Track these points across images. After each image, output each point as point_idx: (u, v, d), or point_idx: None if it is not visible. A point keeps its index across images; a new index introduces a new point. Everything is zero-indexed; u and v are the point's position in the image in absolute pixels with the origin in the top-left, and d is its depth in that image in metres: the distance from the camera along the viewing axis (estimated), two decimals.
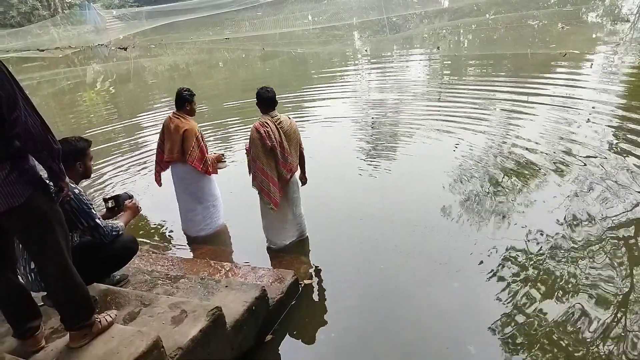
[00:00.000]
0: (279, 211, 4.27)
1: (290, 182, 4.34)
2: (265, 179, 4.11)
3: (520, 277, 3.74)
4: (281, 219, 4.41)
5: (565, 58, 11.37)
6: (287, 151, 4.13)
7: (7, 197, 2.09)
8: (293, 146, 4.22)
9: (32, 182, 2.17)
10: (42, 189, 2.23)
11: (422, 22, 25.56)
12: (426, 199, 5.25)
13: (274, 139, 4.01)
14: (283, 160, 4.12)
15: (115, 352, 2.38)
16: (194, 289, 3.40)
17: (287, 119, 4.20)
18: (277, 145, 4.05)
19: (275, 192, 4.13)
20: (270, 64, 17.63)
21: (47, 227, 2.26)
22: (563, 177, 5.31)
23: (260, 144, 4.01)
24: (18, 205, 2.12)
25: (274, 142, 4.01)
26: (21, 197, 2.12)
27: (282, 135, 4.08)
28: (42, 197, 2.23)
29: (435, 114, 8.48)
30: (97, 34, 33.97)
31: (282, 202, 4.29)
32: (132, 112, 11.85)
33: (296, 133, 4.26)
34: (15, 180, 2.10)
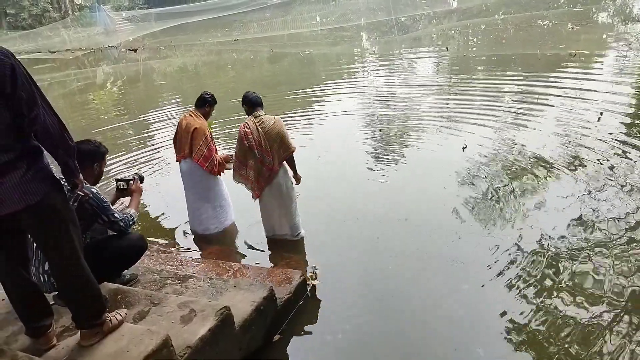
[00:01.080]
0: (266, 206, 4.54)
1: (275, 182, 4.42)
2: (245, 167, 4.40)
3: (531, 279, 3.71)
4: (268, 213, 4.61)
5: (575, 58, 11.29)
6: (265, 150, 4.29)
7: (24, 194, 2.12)
8: (275, 146, 4.33)
9: (47, 180, 2.20)
10: (57, 187, 2.27)
11: (431, 23, 25.48)
12: (434, 198, 5.24)
13: (252, 139, 4.24)
14: (261, 158, 4.31)
15: (125, 350, 2.40)
16: (203, 289, 3.42)
17: (272, 119, 4.34)
18: (255, 145, 4.26)
19: (255, 184, 4.40)
20: (279, 65, 17.68)
21: (62, 224, 2.29)
22: (574, 177, 5.27)
23: (240, 144, 4.32)
24: (34, 203, 2.15)
25: (251, 142, 4.26)
26: (37, 194, 2.15)
27: (262, 135, 4.25)
28: (57, 196, 2.26)
29: (444, 114, 8.46)
30: (106, 35, 34.25)
31: (268, 199, 4.50)
32: (141, 111, 11.95)
33: (279, 134, 4.32)
34: (32, 178, 2.13)
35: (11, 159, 2.08)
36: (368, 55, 17.53)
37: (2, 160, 2.05)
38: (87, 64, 25.16)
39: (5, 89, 1.98)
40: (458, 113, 8.43)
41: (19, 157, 2.10)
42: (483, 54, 14.48)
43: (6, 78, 1.97)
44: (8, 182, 2.07)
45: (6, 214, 2.12)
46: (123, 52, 27.21)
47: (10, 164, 2.08)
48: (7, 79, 1.97)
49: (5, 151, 2.06)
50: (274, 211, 4.55)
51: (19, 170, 2.09)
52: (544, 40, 15.42)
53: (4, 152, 2.06)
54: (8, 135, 2.06)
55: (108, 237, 3.33)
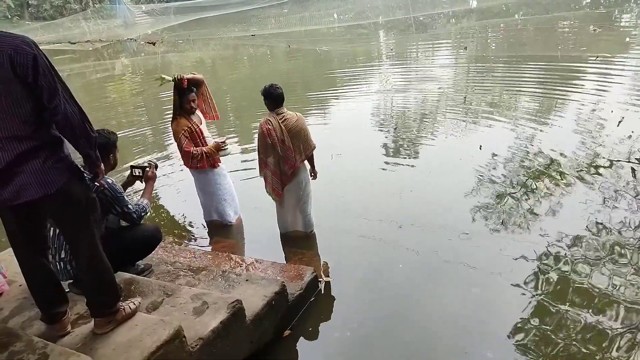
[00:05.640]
0: (283, 203, 4.52)
1: (296, 179, 4.40)
2: (268, 171, 4.34)
3: (543, 283, 3.69)
4: (284, 210, 4.59)
5: (596, 61, 11.09)
6: (289, 148, 4.25)
7: (43, 184, 2.15)
8: (297, 143, 4.29)
9: (67, 170, 2.24)
10: (77, 177, 2.30)
11: (450, 22, 25.23)
12: (448, 198, 5.20)
13: (275, 136, 4.17)
14: (284, 156, 4.26)
15: (138, 339, 2.44)
16: (215, 282, 3.46)
17: (294, 115, 4.30)
18: (278, 143, 4.20)
19: (277, 183, 4.35)
20: (295, 61, 17.67)
21: (82, 213, 2.34)
22: (591, 180, 5.20)
23: (263, 141, 4.23)
24: (53, 193, 2.18)
25: (274, 140, 4.18)
26: (56, 184, 2.18)
27: (285, 132, 4.20)
28: (77, 184, 2.30)
29: (461, 112, 8.39)
30: (126, 28, 34.52)
31: (288, 196, 4.47)
32: (157, 106, 12.05)
33: (302, 130, 4.32)
34: (50, 168, 2.16)
35: (30, 147, 2.11)
36: (385, 53, 17.43)
37: (21, 148, 2.09)
38: (107, 55, 25.41)
39: (27, 78, 2.02)
40: (475, 112, 8.37)
41: (39, 146, 2.13)
42: (502, 54, 14.29)
43: (28, 68, 2.00)
44: (27, 170, 2.11)
45: (26, 202, 2.16)
46: (142, 45, 27.40)
47: (29, 152, 2.11)
48: (29, 69, 2.00)
49: (25, 140, 2.09)
50: (290, 208, 4.55)
51: (38, 159, 2.12)
52: (565, 42, 15.17)
53: (23, 141, 2.09)
54: (28, 125, 2.09)
55: (124, 227, 3.38)
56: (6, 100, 2.01)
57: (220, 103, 11.04)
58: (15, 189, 2.12)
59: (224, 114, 9.08)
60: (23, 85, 2.02)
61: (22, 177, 2.11)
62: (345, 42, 21.14)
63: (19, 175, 2.10)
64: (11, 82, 1.99)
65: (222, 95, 12.05)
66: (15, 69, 1.98)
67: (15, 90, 2.02)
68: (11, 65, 1.97)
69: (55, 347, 2.27)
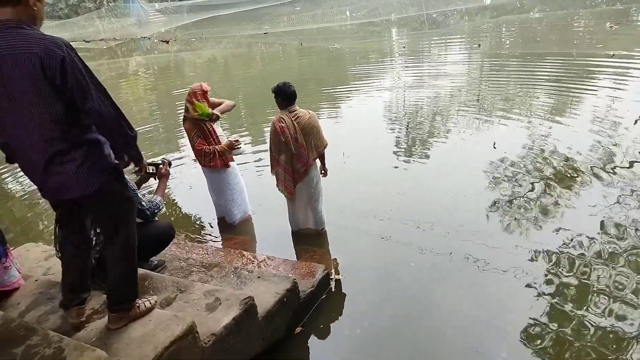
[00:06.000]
0: (295, 200, 4.50)
1: (308, 177, 4.40)
2: (280, 169, 4.33)
3: (558, 284, 3.64)
4: (295, 207, 4.58)
5: (612, 59, 10.92)
6: (302, 145, 4.24)
7: (80, 185, 2.21)
8: (310, 140, 4.29)
9: (104, 171, 2.27)
10: (114, 177, 2.34)
11: (463, 19, 25.03)
12: (463, 198, 5.16)
13: (288, 134, 4.16)
14: (297, 154, 4.25)
15: (152, 334, 2.46)
16: (228, 278, 3.47)
17: (307, 113, 4.30)
18: (292, 140, 4.19)
19: (289, 180, 4.35)
20: (307, 59, 17.67)
21: (118, 211, 2.41)
22: (607, 181, 5.12)
23: (276, 139, 4.18)
24: (91, 193, 2.24)
25: (288, 137, 4.16)
26: (93, 185, 2.23)
27: (298, 130, 4.20)
28: (114, 187, 2.35)
29: (474, 110, 8.33)
30: (139, 26, 34.82)
31: (300, 194, 4.46)
32: (170, 102, 12.14)
33: (315, 128, 4.32)
34: (88, 170, 2.20)
35: (64, 148, 2.14)
36: (397, 50, 17.36)
37: (56, 149, 2.12)
38: (120, 54, 25.66)
39: (55, 80, 2.03)
40: (489, 109, 8.29)
41: (74, 147, 2.16)
42: (516, 52, 14.13)
43: (56, 70, 2.01)
44: (65, 171, 2.16)
45: (66, 199, 2.28)
46: (155, 43, 27.63)
47: (65, 154, 2.15)
48: (57, 71, 2.01)
49: (59, 141, 2.12)
50: (302, 205, 4.55)
51: (75, 161, 2.16)
52: (581, 39, 14.97)
53: (57, 141, 2.12)
54: (60, 125, 2.11)
55: (138, 224, 3.40)
56: (38, 102, 2.05)
57: (233, 99, 11.09)
58: (56, 186, 2.21)
59: (236, 110, 9.11)
60: (52, 86, 2.04)
61: (60, 177, 2.17)
62: (357, 40, 21.08)
63: (58, 174, 2.17)
64: (41, 84, 2.02)
65: (235, 93, 12.10)
66: (45, 70, 2.00)
67: (45, 92, 2.04)
68: (41, 67, 1.99)
69: (70, 341, 2.30)
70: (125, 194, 2.44)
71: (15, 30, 2.01)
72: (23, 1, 2.06)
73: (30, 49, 1.98)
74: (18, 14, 2.05)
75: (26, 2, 2.07)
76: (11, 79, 2.00)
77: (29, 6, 2.08)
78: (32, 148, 2.14)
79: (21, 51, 1.98)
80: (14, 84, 2.01)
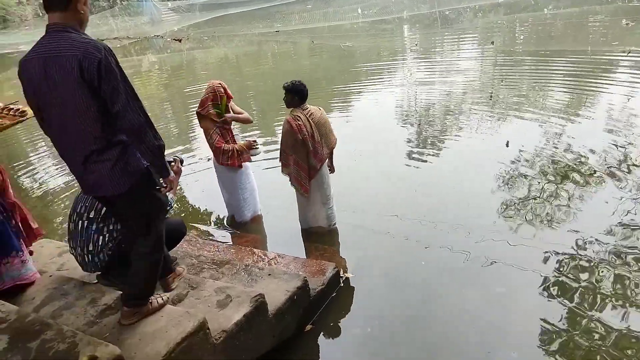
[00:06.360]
0: (310, 198, 4.48)
1: (320, 173, 4.42)
2: (297, 167, 4.31)
3: (570, 284, 3.60)
4: (310, 206, 4.57)
5: (628, 56, 10.74)
6: (318, 142, 4.28)
7: (113, 185, 2.33)
8: (324, 137, 4.33)
9: (135, 173, 2.37)
10: (145, 179, 2.42)
11: (476, 16, 24.80)
12: (475, 197, 5.12)
13: (305, 132, 4.17)
14: (314, 151, 4.27)
15: (164, 330, 2.49)
16: (239, 275, 3.49)
17: (317, 109, 4.33)
18: (309, 137, 4.20)
19: (304, 178, 4.35)
20: (319, 57, 17.66)
21: (150, 209, 2.52)
22: (622, 179, 5.04)
23: (293, 137, 4.17)
24: (122, 192, 2.35)
25: (305, 135, 4.17)
26: (124, 186, 2.34)
27: (313, 126, 4.23)
28: (144, 188, 2.44)
29: (487, 108, 8.26)
30: (152, 25, 35.04)
31: (313, 190, 4.46)
32: (182, 100, 12.23)
33: (327, 124, 4.38)
34: (120, 171, 2.31)
35: (100, 148, 2.26)
36: (409, 48, 17.26)
37: (93, 147, 2.25)
38: (134, 52, 25.85)
39: (93, 82, 2.14)
40: (502, 107, 8.22)
41: (108, 147, 2.28)
42: (530, 49, 13.97)
43: (94, 72, 2.12)
44: (99, 170, 2.29)
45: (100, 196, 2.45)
46: (168, 42, 27.79)
47: (100, 153, 2.27)
48: (94, 74, 2.12)
49: (96, 139, 2.24)
50: (315, 202, 4.55)
51: (109, 161, 2.28)
52: (596, 36, 14.74)
53: (94, 140, 2.24)
54: (97, 126, 2.22)
55: None
56: (78, 102, 2.16)
57: (244, 98, 11.14)
58: (91, 183, 2.37)
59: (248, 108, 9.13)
60: (90, 88, 2.15)
61: (94, 175, 2.31)
62: (369, 38, 21.01)
63: (94, 173, 2.31)
64: (81, 85, 2.13)
65: (246, 90, 12.14)
66: (83, 72, 2.11)
67: (84, 93, 2.15)
68: (80, 69, 2.10)
69: (84, 337, 2.33)
70: (156, 195, 2.52)
71: (61, 34, 2.15)
72: (71, 6, 2.18)
73: (72, 51, 2.10)
74: (66, 18, 2.19)
75: (74, 7, 2.20)
76: (55, 80, 2.13)
77: (77, 11, 2.22)
78: (72, 146, 2.29)
79: (64, 54, 2.10)
80: (57, 85, 2.14)
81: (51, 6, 2.16)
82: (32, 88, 2.22)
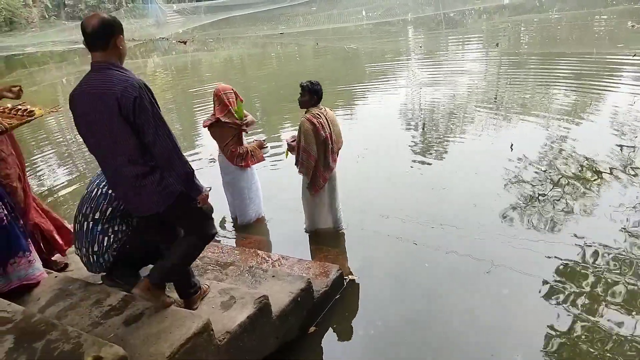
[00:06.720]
0: (318, 199, 4.47)
1: (331, 174, 4.43)
2: (315, 166, 4.26)
3: (575, 288, 3.57)
4: (320, 207, 4.55)
5: (634, 59, 10.70)
6: (335, 141, 4.32)
7: (154, 204, 2.56)
8: (337, 135, 4.36)
9: (172, 194, 2.56)
10: (180, 199, 2.60)
11: (481, 18, 24.79)
12: (479, 199, 5.11)
13: (327, 129, 4.18)
14: (331, 149, 4.28)
15: (168, 331, 2.49)
16: (242, 277, 3.50)
17: (327, 109, 4.35)
18: (329, 136, 4.22)
19: (322, 177, 4.34)
20: (323, 59, 17.69)
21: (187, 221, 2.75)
22: (627, 183, 5.02)
23: (315, 136, 4.14)
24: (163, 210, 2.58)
25: (327, 134, 4.18)
26: (163, 205, 2.56)
27: (330, 125, 4.25)
28: (180, 207, 2.63)
29: (491, 110, 8.24)
30: (158, 27, 35.22)
31: (323, 192, 4.45)
32: (186, 101, 12.27)
33: (336, 122, 4.40)
34: (160, 192, 2.52)
35: (144, 172, 2.47)
36: (414, 50, 17.26)
37: (131, 174, 2.46)
38: (139, 54, 25.95)
39: (129, 118, 2.34)
40: (506, 109, 8.20)
41: (148, 173, 2.48)
42: (535, 51, 13.95)
43: (129, 108, 2.32)
44: (143, 192, 2.52)
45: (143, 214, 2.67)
46: (173, 44, 27.92)
47: (143, 178, 2.48)
48: (129, 110, 2.32)
49: (137, 165, 2.46)
50: (325, 203, 4.54)
51: (151, 185, 2.50)
52: (601, 38, 14.70)
53: (135, 165, 2.45)
54: (135, 155, 2.43)
55: None
56: (118, 133, 2.38)
57: (248, 99, 11.16)
58: (133, 206, 2.63)
59: (252, 109, 9.15)
60: (127, 121, 2.36)
61: (140, 197, 2.54)
62: (373, 40, 21.02)
63: (138, 195, 2.53)
64: (118, 118, 2.34)
65: (250, 91, 12.16)
66: (120, 108, 2.31)
67: (122, 125, 2.36)
68: (118, 106, 2.31)
69: (88, 337, 2.34)
70: (189, 215, 2.70)
71: (104, 71, 2.37)
72: (110, 45, 2.38)
73: (112, 90, 2.31)
74: (107, 56, 2.39)
75: (114, 45, 2.39)
76: (100, 114, 2.36)
77: (117, 47, 2.41)
78: (114, 171, 2.53)
79: (105, 90, 2.32)
80: (102, 118, 2.36)
81: (94, 47, 2.37)
82: (81, 119, 2.46)
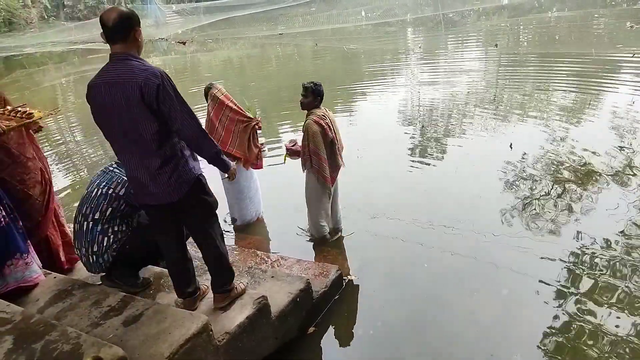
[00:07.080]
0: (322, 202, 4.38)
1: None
2: (326, 165, 4.19)
3: (574, 289, 3.58)
4: (323, 212, 4.45)
5: (633, 59, 10.72)
6: (339, 140, 4.32)
7: (169, 194, 2.59)
8: (339, 135, 4.35)
9: (188, 182, 2.62)
10: (196, 187, 2.67)
11: (480, 19, 24.81)
12: (478, 200, 5.12)
13: (333, 130, 4.18)
14: (338, 149, 4.29)
15: (167, 331, 2.49)
16: (241, 277, 3.49)
17: (328, 111, 4.33)
18: (335, 136, 4.21)
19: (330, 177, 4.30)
20: (322, 59, 17.69)
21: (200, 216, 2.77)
22: (626, 183, 5.03)
23: (322, 137, 4.09)
24: (177, 200, 2.62)
25: (334, 133, 4.18)
26: (179, 194, 2.61)
27: (335, 127, 4.25)
28: (196, 195, 2.69)
29: (491, 110, 8.25)
30: (157, 28, 35.14)
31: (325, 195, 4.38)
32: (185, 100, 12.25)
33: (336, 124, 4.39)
34: (175, 181, 2.57)
35: (158, 163, 2.51)
36: (413, 50, 17.27)
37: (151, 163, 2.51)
38: None
39: (152, 105, 2.39)
40: (505, 109, 8.21)
41: (165, 162, 2.53)
42: (534, 52, 13.96)
43: (152, 96, 2.37)
44: (159, 182, 2.56)
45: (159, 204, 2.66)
46: (172, 45, 27.90)
47: (159, 167, 2.52)
48: (152, 97, 2.37)
49: (155, 155, 2.50)
50: (326, 214, 4.50)
51: (166, 174, 2.55)
52: (600, 38, 14.72)
53: (154, 156, 2.50)
54: (155, 142, 2.47)
55: None
56: (139, 122, 2.41)
57: (248, 99, 11.14)
58: (149, 194, 2.62)
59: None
60: (150, 110, 2.40)
61: (156, 186, 2.57)
62: (372, 40, 21.04)
63: (155, 185, 2.57)
64: (141, 107, 2.38)
65: (249, 92, 12.15)
66: (143, 97, 2.36)
67: (145, 114, 2.40)
68: (140, 94, 2.35)
69: (88, 338, 2.34)
70: (206, 202, 2.76)
71: (123, 62, 2.41)
72: (130, 37, 2.44)
73: (133, 78, 2.35)
74: (127, 48, 2.44)
75: (133, 37, 2.45)
76: (120, 103, 2.38)
77: (136, 39, 2.47)
78: (134, 160, 2.55)
79: (127, 80, 2.36)
80: (122, 107, 2.39)
81: (114, 39, 2.42)
82: (100, 110, 2.48)
